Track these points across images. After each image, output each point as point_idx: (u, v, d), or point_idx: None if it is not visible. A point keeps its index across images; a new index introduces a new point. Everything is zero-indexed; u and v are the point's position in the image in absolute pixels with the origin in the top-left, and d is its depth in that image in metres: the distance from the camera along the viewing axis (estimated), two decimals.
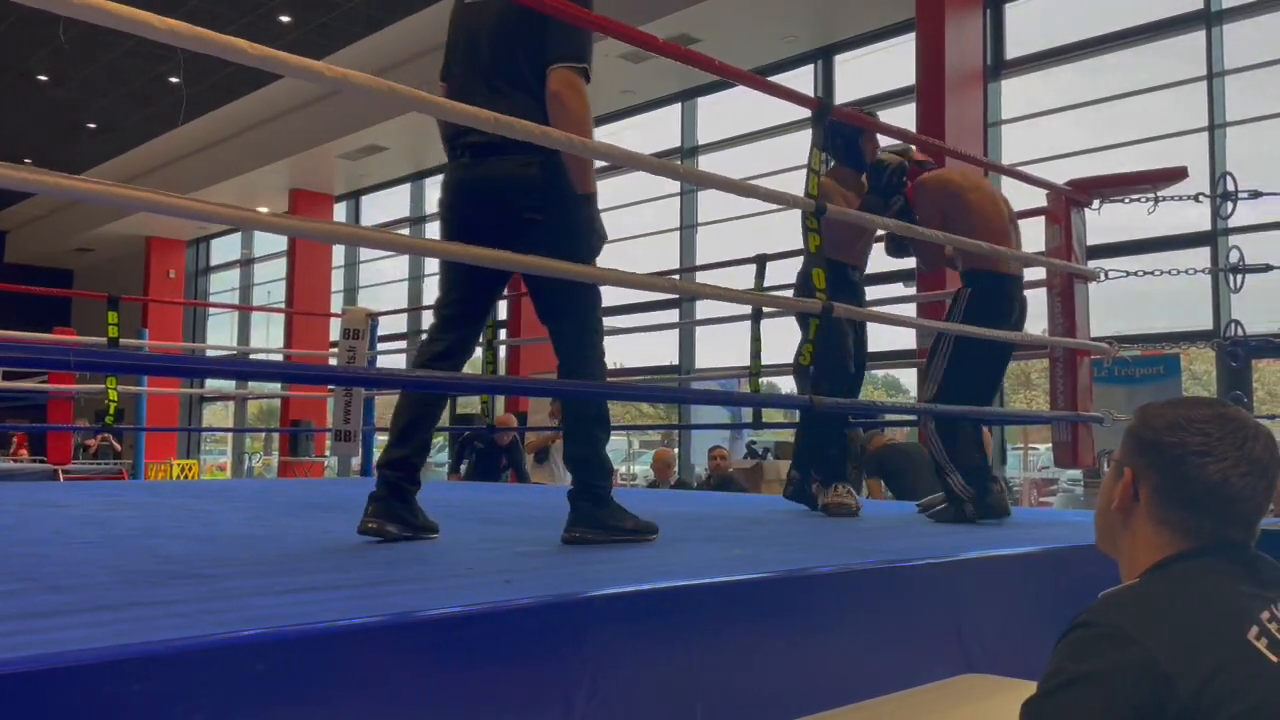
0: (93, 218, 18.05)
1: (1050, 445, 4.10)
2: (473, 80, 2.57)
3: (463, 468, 8.82)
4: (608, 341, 2.73)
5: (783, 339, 4.24)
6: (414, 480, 2.58)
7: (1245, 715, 1.06)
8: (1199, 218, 7.65)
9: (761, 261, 4.90)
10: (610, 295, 2.83)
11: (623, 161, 2.56)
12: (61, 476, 8.80)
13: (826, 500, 3.72)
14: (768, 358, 3.94)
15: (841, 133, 3.78)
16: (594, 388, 2.62)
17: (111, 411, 5.45)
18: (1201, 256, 7.70)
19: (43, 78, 13.19)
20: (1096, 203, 4.04)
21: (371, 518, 2.49)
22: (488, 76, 2.54)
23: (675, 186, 11.58)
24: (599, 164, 2.60)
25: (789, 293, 3.75)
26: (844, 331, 3.68)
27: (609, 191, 12.46)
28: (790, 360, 3.72)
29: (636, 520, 2.59)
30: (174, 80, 12.92)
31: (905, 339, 8.26)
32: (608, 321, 2.75)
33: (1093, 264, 4.10)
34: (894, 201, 3.86)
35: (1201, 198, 4.43)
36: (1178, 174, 3.98)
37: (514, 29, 2.50)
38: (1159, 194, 4.08)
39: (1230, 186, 4.94)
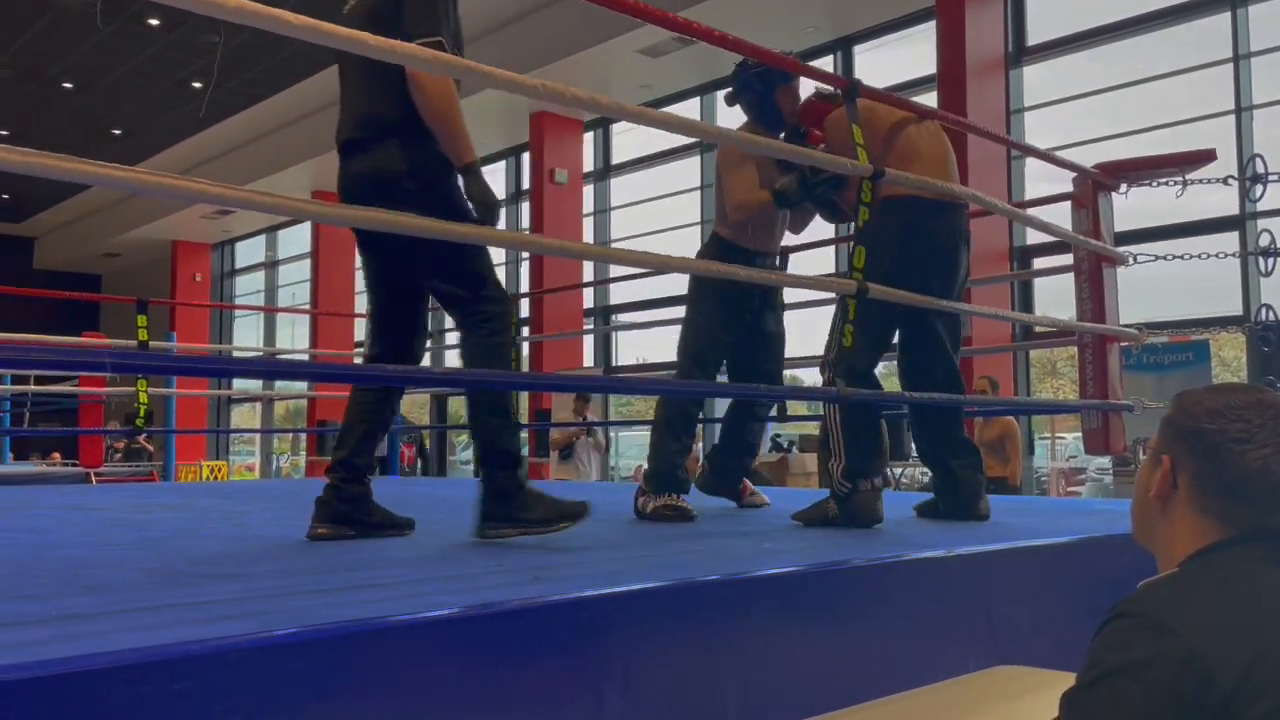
0: (119, 223, 18.23)
1: (1077, 434, 4.06)
2: (355, 79, 2.59)
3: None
4: (632, 337, 2.73)
5: (804, 333, 4.19)
6: (359, 480, 2.59)
7: None
8: (1227, 202, 7.55)
9: (784, 254, 4.88)
10: (632, 291, 2.84)
11: (638, 120, 2.53)
12: (94, 479, 8.89)
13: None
14: (791, 350, 3.91)
15: (750, 85, 3.33)
16: (649, 384, 2.61)
17: (142, 414, 5.51)
18: (1230, 241, 7.59)
19: (67, 85, 13.32)
20: (1124, 186, 4.00)
21: (316, 523, 2.54)
22: (362, 74, 2.54)
23: (697, 180, 11.56)
24: (634, 154, 2.60)
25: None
26: (720, 323, 3.38)
27: (627, 189, 12.50)
28: (818, 354, 3.59)
29: (551, 505, 2.46)
30: (196, 85, 13.01)
31: None
32: (634, 318, 2.75)
33: (1121, 249, 4.06)
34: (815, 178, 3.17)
35: (1230, 180, 4.38)
36: (1206, 156, 3.93)
37: (378, 19, 2.44)
38: (1187, 177, 4.03)
39: (1260, 169, 4.88)
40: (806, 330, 5.13)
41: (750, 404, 3.65)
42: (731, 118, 3.54)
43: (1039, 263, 8.29)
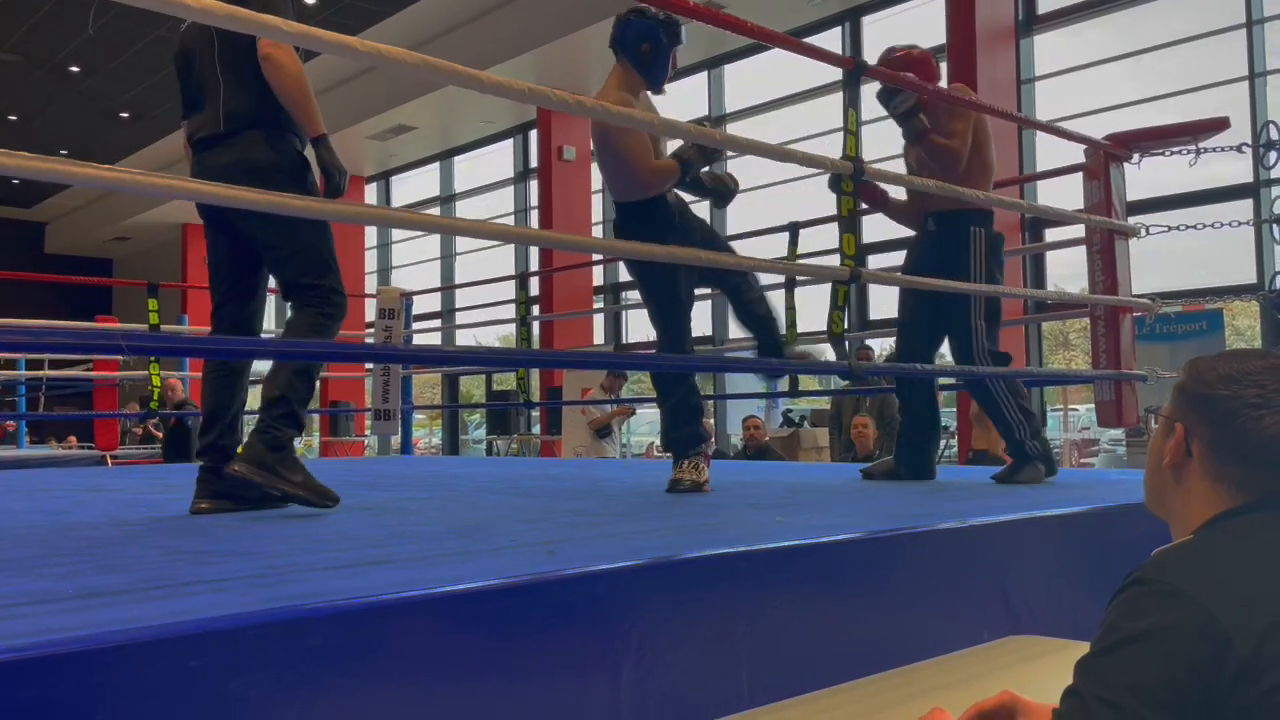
0: (130, 206, 18.25)
1: (1090, 406, 4.05)
2: (210, 78, 2.75)
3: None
4: (643, 315, 2.75)
5: (817, 307, 4.19)
6: (230, 460, 2.76)
7: None
8: (1240, 170, 7.48)
9: (794, 229, 4.87)
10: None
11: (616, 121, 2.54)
12: (110, 462, 8.96)
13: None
14: (803, 326, 3.91)
15: (654, 34, 3.20)
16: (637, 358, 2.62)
17: (155, 397, 5.54)
18: (1244, 209, 7.53)
19: (74, 69, 13.32)
20: (1136, 156, 3.96)
21: (199, 499, 2.75)
22: (218, 72, 2.73)
23: None
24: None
25: (827, 259, 3.71)
26: (680, 281, 3.29)
27: None
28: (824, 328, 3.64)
29: (309, 480, 2.62)
30: None
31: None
32: (634, 295, 2.79)
33: (1133, 220, 4.03)
34: (901, 100, 3.39)
35: (1243, 148, 4.33)
36: (1219, 124, 3.90)
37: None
38: (1200, 146, 3.99)
39: (1273, 136, 4.83)
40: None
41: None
42: (739, 96, 3.54)
43: (1050, 234, 8.25)
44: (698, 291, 3.46)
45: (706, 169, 3.30)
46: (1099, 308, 3.88)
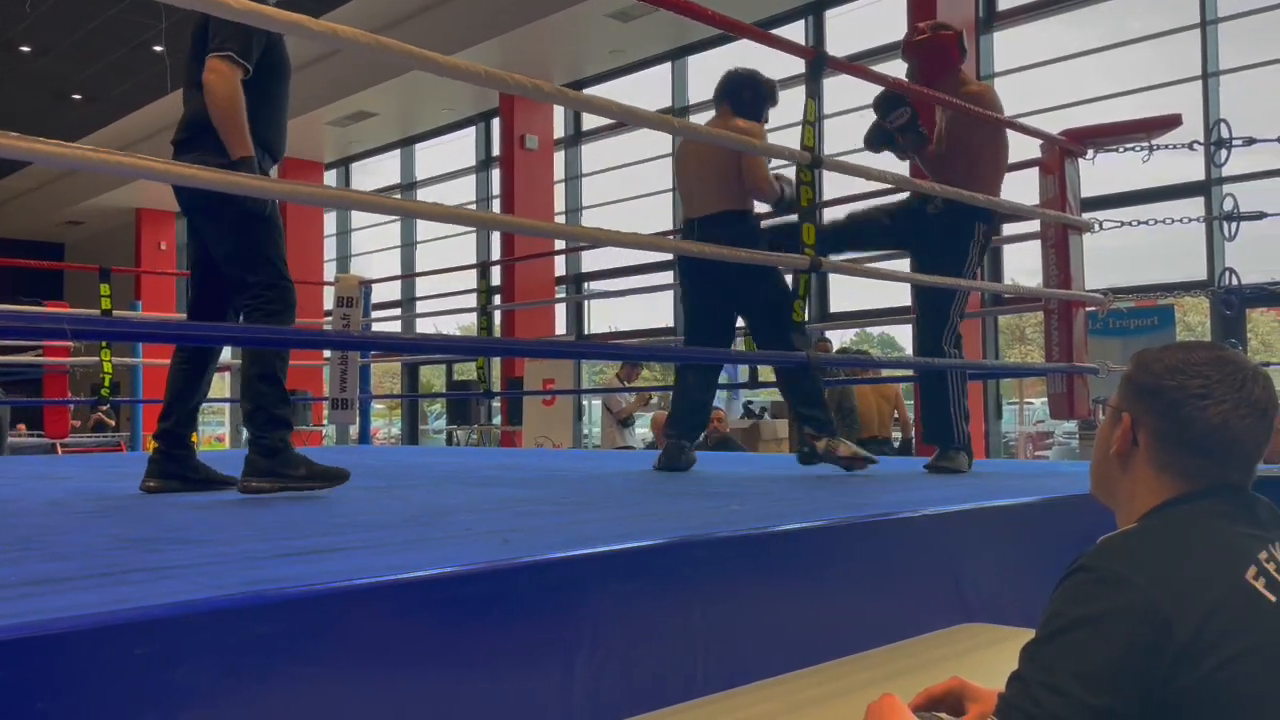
0: (82, 189, 17.90)
1: (1045, 399, 4.11)
2: (185, 88, 2.99)
3: None
4: (605, 305, 2.79)
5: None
6: (184, 446, 3.03)
7: (1243, 655, 1.06)
8: (1193, 168, 7.61)
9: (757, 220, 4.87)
10: (604, 259, 2.90)
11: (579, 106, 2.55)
12: (60, 450, 8.80)
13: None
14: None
15: (757, 88, 3.81)
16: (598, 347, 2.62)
17: (107, 384, 5.44)
18: (1196, 206, 7.67)
19: (25, 49, 13.03)
20: (1091, 153, 4.02)
21: (148, 478, 2.95)
22: (189, 80, 2.93)
23: (667, 147, 11.50)
24: (605, 121, 2.62)
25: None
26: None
27: (602, 153, 12.43)
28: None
29: (314, 467, 2.78)
30: (158, 49, 12.75)
31: (899, 295, 8.24)
32: (603, 285, 2.85)
33: (1087, 215, 4.09)
34: (897, 115, 3.62)
35: (1195, 146, 4.41)
36: (1172, 122, 3.96)
37: (197, 31, 2.86)
38: (1153, 143, 4.05)
39: (1224, 134, 4.92)
40: None
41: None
42: (702, 88, 3.61)
43: (1007, 229, 8.32)
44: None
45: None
46: (1053, 302, 3.93)
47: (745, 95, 3.82)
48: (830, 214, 4.19)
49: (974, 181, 3.53)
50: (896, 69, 3.81)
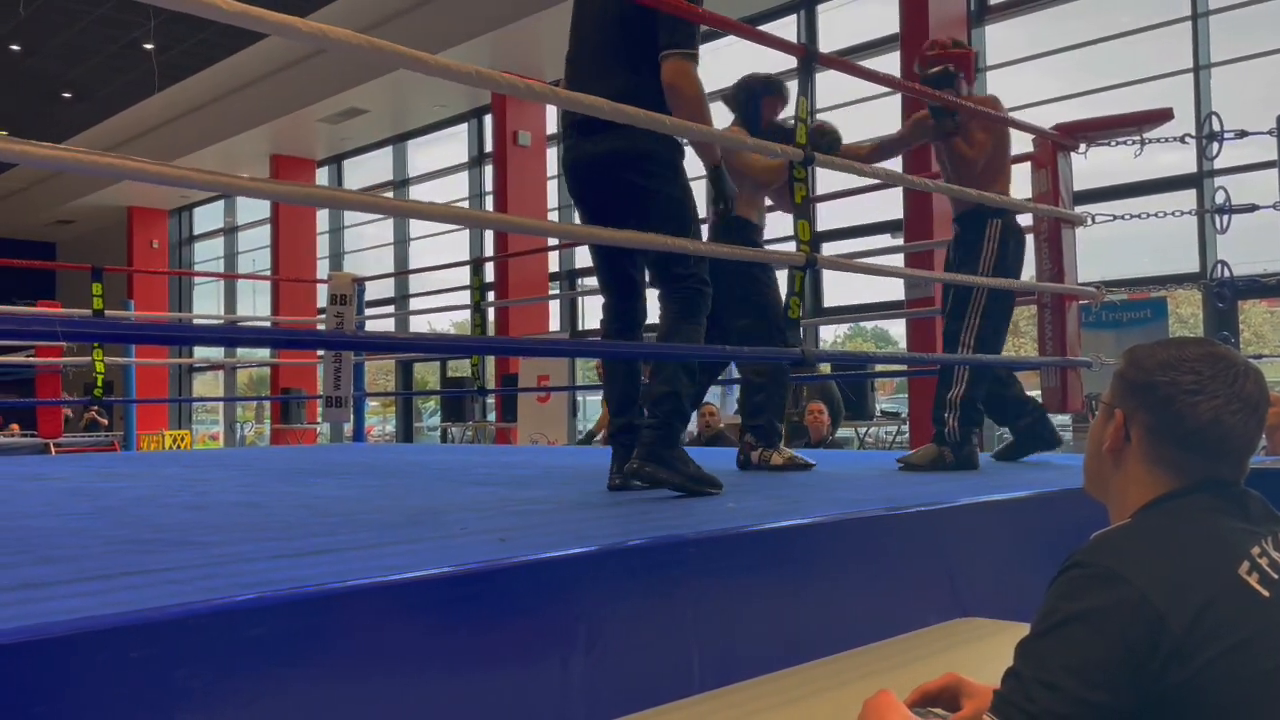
0: (73, 189, 17.84)
1: (1038, 393, 4.11)
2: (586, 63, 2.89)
3: None
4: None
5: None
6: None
7: (1236, 649, 1.07)
8: (1184, 161, 7.63)
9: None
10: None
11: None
12: (53, 450, 8.78)
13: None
14: None
15: (753, 93, 3.87)
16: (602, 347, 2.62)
17: (100, 384, 5.43)
18: (1187, 199, 7.68)
19: (15, 47, 12.97)
20: (1083, 146, 4.02)
21: (612, 475, 2.86)
22: (595, 63, 2.84)
23: None
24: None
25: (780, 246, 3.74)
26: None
27: None
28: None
29: (696, 472, 2.67)
30: (147, 47, 12.71)
31: (893, 290, 8.25)
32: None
33: (1079, 209, 4.09)
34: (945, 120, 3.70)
35: (1187, 139, 4.42)
36: (1164, 115, 3.96)
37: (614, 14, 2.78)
38: (1145, 136, 4.06)
39: (1216, 127, 4.93)
40: None
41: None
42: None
43: None
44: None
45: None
46: (1046, 295, 3.94)
47: (741, 98, 3.91)
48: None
49: (984, 183, 3.65)
50: (890, 63, 3.85)
